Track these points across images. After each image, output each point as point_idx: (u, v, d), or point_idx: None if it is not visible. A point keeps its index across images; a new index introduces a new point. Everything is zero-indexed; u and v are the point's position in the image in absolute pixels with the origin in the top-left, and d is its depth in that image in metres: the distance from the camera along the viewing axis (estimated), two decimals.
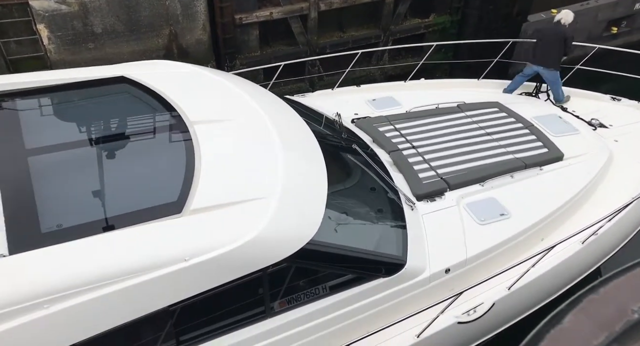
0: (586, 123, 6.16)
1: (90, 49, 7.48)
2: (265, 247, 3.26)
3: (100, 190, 3.39)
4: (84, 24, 7.28)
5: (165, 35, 7.77)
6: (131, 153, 3.73)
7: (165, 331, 3.21)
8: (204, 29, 7.97)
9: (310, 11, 8.67)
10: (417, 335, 3.90)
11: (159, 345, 3.22)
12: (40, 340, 2.78)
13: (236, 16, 8.19)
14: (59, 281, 2.77)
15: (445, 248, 4.27)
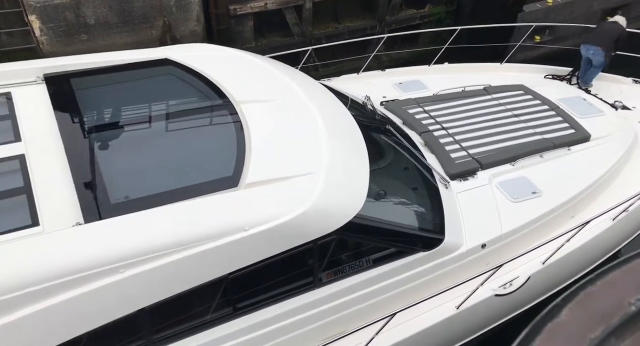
0: (610, 106, 6.69)
1: (83, 40, 7.73)
2: (317, 219, 3.66)
3: (160, 165, 3.80)
4: (76, 15, 7.51)
5: (159, 26, 8.04)
6: (184, 131, 4.14)
7: (223, 298, 3.64)
8: (198, 20, 8.29)
9: (305, 2, 9.03)
10: (457, 307, 4.33)
11: (218, 311, 3.64)
12: (116, 302, 3.16)
13: (230, 7, 8.50)
14: (132, 248, 3.14)
15: (480, 224, 4.71)
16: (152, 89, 4.61)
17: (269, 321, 3.83)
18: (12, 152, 3.66)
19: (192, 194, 3.50)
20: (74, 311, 3.07)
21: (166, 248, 3.21)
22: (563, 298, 2.13)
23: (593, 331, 1.97)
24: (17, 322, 2.91)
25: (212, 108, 4.34)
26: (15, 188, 3.42)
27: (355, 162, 4.21)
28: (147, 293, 3.26)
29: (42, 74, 4.36)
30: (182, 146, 4.03)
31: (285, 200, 3.63)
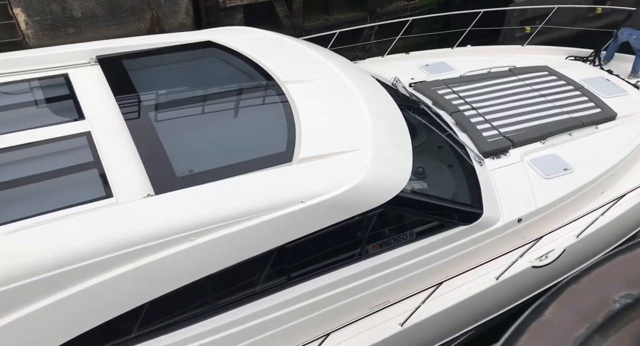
0: (632, 86, 7.29)
1: (70, 33, 7.96)
2: (368, 192, 4.10)
3: (216, 141, 4.27)
4: (62, 8, 7.76)
5: (147, 19, 8.33)
6: (235, 110, 4.59)
7: (278, 268, 4.13)
8: (187, 13, 8.62)
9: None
10: (496, 278, 4.82)
11: (273, 280, 4.13)
12: (188, 268, 3.60)
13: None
14: (201, 218, 3.57)
15: (515, 200, 5.21)
16: (199, 70, 5.05)
17: (319, 290, 4.30)
18: (79, 129, 4.10)
19: (249, 168, 3.94)
20: (151, 276, 3.51)
21: (231, 218, 3.65)
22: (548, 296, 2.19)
23: (577, 330, 2.08)
24: (102, 284, 3.36)
25: (259, 88, 4.78)
26: (86, 163, 3.86)
27: (398, 139, 4.68)
28: (215, 260, 3.69)
29: (94, 55, 4.83)
30: (234, 123, 4.46)
31: (337, 174, 4.08)
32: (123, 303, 3.56)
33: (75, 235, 3.40)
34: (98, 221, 3.49)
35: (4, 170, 3.81)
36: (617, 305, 2.16)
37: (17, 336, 3.27)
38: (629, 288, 2.13)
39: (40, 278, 3.25)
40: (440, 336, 4.99)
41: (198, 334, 3.96)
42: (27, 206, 3.54)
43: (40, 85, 4.61)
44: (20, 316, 3.27)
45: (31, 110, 4.31)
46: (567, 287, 2.35)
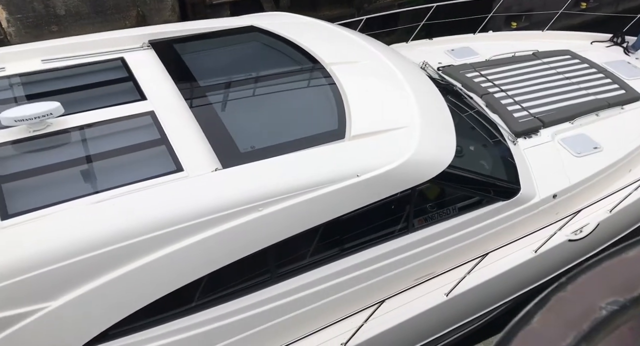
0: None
1: (54, 32, 7.78)
2: (418, 167, 4.33)
3: (271, 120, 4.47)
4: (45, 6, 7.58)
5: (132, 16, 8.14)
6: (285, 90, 4.81)
7: (334, 239, 4.36)
8: (173, 10, 8.43)
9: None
10: (535, 250, 5.05)
11: (328, 251, 4.36)
12: (256, 237, 3.84)
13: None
14: (267, 189, 3.78)
15: (549, 177, 5.43)
16: (246, 53, 5.27)
17: (369, 262, 4.52)
18: (142, 109, 4.30)
19: (305, 145, 4.15)
20: (224, 244, 3.74)
21: (294, 190, 3.86)
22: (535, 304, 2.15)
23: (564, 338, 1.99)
24: (180, 251, 3.59)
25: (306, 70, 4.98)
26: (154, 140, 4.06)
27: (441, 117, 4.89)
28: (280, 230, 3.93)
29: (147, 40, 5.04)
30: (285, 103, 4.68)
31: (388, 150, 4.30)
32: (198, 269, 3.79)
33: (155, 205, 3.62)
34: (174, 192, 3.72)
35: (79, 147, 4.00)
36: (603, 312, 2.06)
37: (105, 297, 3.52)
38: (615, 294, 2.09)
39: (127, 244, 3.49)
40: (482, 306, 5.23)
41: (260, 301, 4.21)
42: (106, 179, 3.76)
43: (100, 68, 4.81)
44: (107, 280, 3.50)
45: (94, 91, 4.51)
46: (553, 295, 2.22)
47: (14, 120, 3.86)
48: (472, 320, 5.35)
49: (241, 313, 4.17)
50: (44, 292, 3.35)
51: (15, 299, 3.28)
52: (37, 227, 3.41)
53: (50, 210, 3.50)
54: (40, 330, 3.40)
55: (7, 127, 3.98)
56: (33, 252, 3.30)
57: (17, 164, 3.81)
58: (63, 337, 3.53)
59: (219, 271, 3.88)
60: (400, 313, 4.66)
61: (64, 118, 4.11)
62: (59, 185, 3.72)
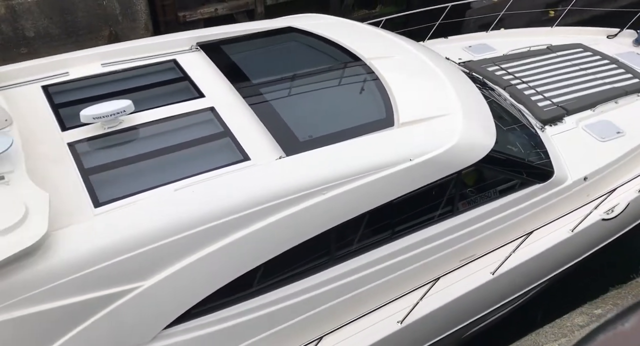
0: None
1: (24, 54, 7.77)
2: (464, 151, 4.62)
3: (323, 111, 4.78)
4: (13, 28, 7.63)
5: (104, 36, 8.21)
6: (333, 84, 5.11)
7: (387, 222, 4.63)
8: (146, 29, 8.55)
9: (256, 6, 9.51)
10: (572, 230, 5.38)
11: (384, 233, 4.63)
12: (322, 219, 4.12)
13: (179, 14, 8.86)
14: (329, 174, 4.06)
15: (578, 161, 5.76)
16: (288, 51, 5.57)
17: (420, 244, 4.81)
18: (203, 105, 4.58)
19: (358, 133, 4.43)
20: (292, 226, 3.99)
21: (353, 174, 4.14)
22: None
23: None
24: (253, 233, 3.85)
25: (348, 65, 5.29)
26: (218, 133, 4.33)
27: (478, 104, 5.19)
28: (343, 212, 4.20)
29: (194, 43, 5.35)
30: (334, 95, 4.98)
31: (435, 135, 4.59)
32: (269, 250, 4.06)
33: (230, 191, 3.88)
34: (245, 179, 3.99)
35: (151, 141, 4.26)
36: None
37: (188, 277, 3.79)
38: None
39: (208, 227, 3.75)
40: (525, 284, 5.51)
41: (321, 282, 4.48)
42: (182, 169, 4.01)
43: (156, 69, 5.08)
44: (190, 261, 3.75)
45: (154, 91, 4.76)
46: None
47: (92, 118, 4.11)
48: (513, 299, 5.61)
49: (303, 294, 4.43)
50: (136, 272, 3.59)
51: (113, 279, 3.51)
52: (127, 213, 3.65)
53: (136, 197, 3.75)
54: (135, 308, 3.64)
55: (83, 125, 4.21)
56: (126, 235, 3.54)
57: (99, 158, 4.06)
58: (154, 314, 3.76)
59: (285, 253, 4.13)
60: (451, 291, 4.91)
61: (133, 116, 4.36)
62: (140, 176, 3.97)
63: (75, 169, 3.90)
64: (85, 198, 3.71)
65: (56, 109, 4.42)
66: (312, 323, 4.49)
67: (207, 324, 4.06)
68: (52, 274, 3.34)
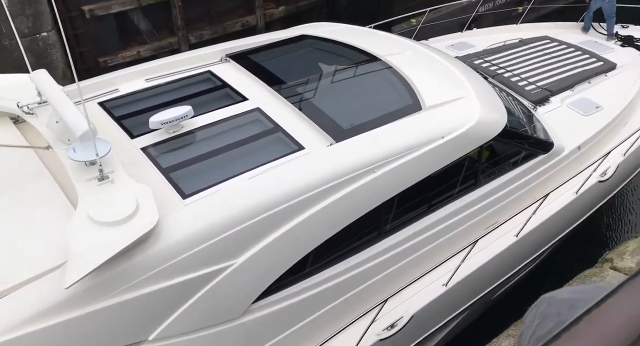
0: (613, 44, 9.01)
1: None
2: (485, 127, 5.23)
3: (356, 101, 5.29)
4: None
5: None
6: (358, 79, 5.66)
7: (425, 196, 5.18)
8: (64, 77, 8.12)
9: (180, 45, 9.35)
10: (576, 192, 6.08)
11: (422, 207, 5.18)
12: (375, 193, 4.61)
13: (100, 59, 8.56)
14: (377, 155, 4.56)
15: (570, 133, 6.46)
16: (309, 55, 6.12)
17: (451, 215, 5.35)
18: (248, 107, 5.02)
19: (393, 118, 4.97)
20: (352, 202, 4.47)
21: (398, 153, 4.68)
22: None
23: None
24: (319, 212, 4.29)
25: (367, 62, 5.85)
26: (270, 129, 4.78)
27: (485, 88, 5.83)
28: (392, 187, 4.72)
29: (223, 55, 5.81)
30: (361, 88, 5.52)
31: (459, 115, 5.19)
32: (333, 226, 4.53)
33: (294, 176, 4.35)
34: (305, 165, 4.47)
35: (213, 140, 4.70)
36: None
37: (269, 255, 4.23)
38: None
39: (281, 209, 4.20)
40: (543, 243, 6.17)
41: (373, 255, 4.98)
42: (247, 161, 4.45)
43: (195, 80, 5.51)
44: (271, 240, 4.19)
45: (199, 99, 5.18)
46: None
47: (160, 124, 4.52)
48: (531, 260, 6.24)
49: (364, 264, 4.92)
50: (228, 252, 4.00)
51: (210, 259, 3.91)
52: (213, 201, 4.07)
53: (217, 187, 4.17)
54: (230, 284, 4.03)
55: (150, 132, 4.62)
56: (217, 220, 3.96)
57: (173, 158, 4.46)
58: (244, 290, 4.17)
59: (347, 228, 4.61)
60: (484, 255, 5.48)
61: (190, 121, 4.79)
62: (213, 170, 4.39)
63: (155, 169, 4.29)
64: (173, 192, 4.10)
65: (119, 121, 4.80)
66: (374, 290, 4.96)
67: (286, 297, 4.48)
68: (163, 257, 3.72)
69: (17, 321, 3.24)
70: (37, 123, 4.24)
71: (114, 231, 3.45)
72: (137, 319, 3.71)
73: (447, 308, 5.41)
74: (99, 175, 3.80)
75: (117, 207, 3.57)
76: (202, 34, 9.61)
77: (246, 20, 10.03)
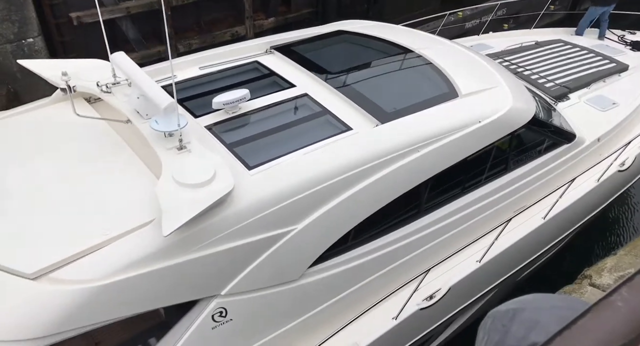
0: (624, 47, 9.57)
1: None
2: (517, 114, 5.61)
3: (396, 90, 5.65)
4: None
5: (2, 95, 7.81)
6: (397, 69, 6.03)
7: (459, 178, 5.55)
8: (49, 84, 7.58)
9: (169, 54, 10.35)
10: (597, 180, 6.49)
11: (458, 188, 5.56)
12: (418, 171, 4.98)
13: None
14: (420, 136, 4.92)
15: (589, 127, 6.88)
16: (347, 48, 6.54)
17: (484, 197, 5.74)
18: (297, 92, 5.39)
19: (431, 104, 5.36)
20: (398, 178, 4.83)
21: (438, 135, 5.05)
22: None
23: None
24: (371, 184, 4.65)
25: (403, 54, 6.26)
26: (318, 112, 5.14)
27: (513, 79, 6.22)
28: (434, 166, 5.08)
29: (268, 47, 6.22)
30: (401, 77, 5.91)
31: (493, 102, 5.58)
32: (381, 200, 4.90)
33: (346, 152, 4.73)
34: (354, 143, 4.84)
35: (269, 120, 5.11)
36: None
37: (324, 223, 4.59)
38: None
39: (336, 180, 4.57)
40: (567, 226, 6.57)
41: (411, 231, 5.37)
42: (301, 140, 4.83)
43: (245, 69, 5.92)
44: (326, 209, 4.54)
45: (251, 85, 5.57)
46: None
47: (222, 104, 4.92)
48: (555, 243, 6.64)
49: (402, 240, 5.31)
50: (290, 218, 4.37)
51: (275, 223, 4.27)
52: (276, 172, 4.45)
53: (277, 161, 4.55)
54: (291, 248, 4.40)
55: (211, 112, 5.02)
56: (279, 188, 4.34)
57: (235, 135, 4.84)
58: (303, 254, 4.54)
59: (393, 202, 5.01)
60: (514, 235, 5.87)
61: (245, 103, 5.19)
62: (272, 146, 4.77)
63: (221, 144, 4.69)
64: (238, 164, 4.48)
65: (182, 103, 5.20)
66: (413, 264, 5.34)
67: (338, 264, 4.86)
68: (236, 219, 4.10)
69: (116, 268, 3.61)
70: (115, 100, 4.63)
71: (197, 192, 3.83)
72: (213, 273, 4.07)
73: (479, 284, 5.79)
74: (178, 145, 4.19)
75: (197, 172, 3.95)
76: (191, 43, 9.68)
77: (235, 30, 10.10)
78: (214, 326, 4.21)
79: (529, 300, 1.63)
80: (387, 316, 5.05)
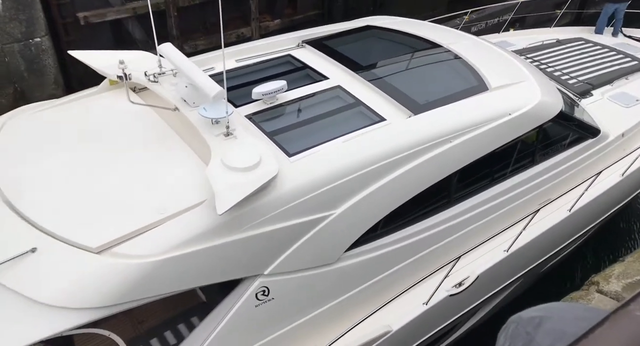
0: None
1: None
2: (545, 107, 5.74)
3: (427, 82, 5.84)
4: None
5: (9, 94, 7.81)
6: (427, 62, 6.24)
7: (488, 170, 5.71)
8: (56, 83, 8.19)
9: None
10: (622, 174, 6.61)
11: (486, 179, 5.72)
12: (451, 161, 5.13)
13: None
14: (452, 126, 5.08)
15: (613, 122, 7.01)
16: (376, 42, 6.73)
17: (508, 190, 5.90)
18: (330, 84, 5.56)
19: (462, 96, 5.52)
20: (432, 167, 5.00)
21: (470, 126, 5.21)
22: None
23: None
24: (406, 172, 4.82)
25: (429, 48, 6.45)
26: (352, 103, 5.30)
27: (540, 74, 6.36)
28: (465, 156, 5.24)
29: (300, 41, 6.42)
30: (431, 71, 6.10)
31: (522, 96, 5.72)
32: (417, 187, 5.10)
33: (381, 141, 4.91)
34: (389, 133, 5.02)
35: (305, 111, 5.30)
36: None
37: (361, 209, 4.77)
38: None
39: (374, 167, 4.74)
40: (592, 219, 6.72)
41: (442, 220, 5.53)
42: (338, 129, 5.01)
43: (279, 62, 6.11)
44: (363, 195, 4.72)
45: (286, 77, 5.73)
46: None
47: (262, 95, 5.12)
48: (579, 235, 6.80)
49: (433, 228, 5.48)
50: (329, 203, 4.55)
51: (315, 207, 4.45)
52: (315, 159, 4.64)
53: (317, 149, 4.74)
54: (329, 232, 4.58)
55: (250, 103, 5.22)
56: (319, 175, 4.52)
57: (274, 124, 5.04)
58: (340, 238, 4.72)
59: (426, 190, 5.17)
60: (540, 227, 6.02)
61: (282, 94, 5.39)
62: (310, 135, 4.95)
63: (261, 132, 4.89)
64: (279, 152, 4.68)
65: None
66: (443, 251, 5.52)
67: (372, 249, 5.04)
68: (279, 202, 4.29)
69: (172, 244, 3.81)
70: (162, 89, 4.84)
71: (245, 175, 4.03)
72: (258, 253, 4.27)
73: (506, 273, 5.95)
74: (225, 131, 4.39)
75: (245, 157, 4.15)
76: (197, 44, 9.69)
77: (241, 32, 10.13)
78: (257, 305, 4.41)
79: (554, 309, 1.60)
80: (418, 302, 5.23)
